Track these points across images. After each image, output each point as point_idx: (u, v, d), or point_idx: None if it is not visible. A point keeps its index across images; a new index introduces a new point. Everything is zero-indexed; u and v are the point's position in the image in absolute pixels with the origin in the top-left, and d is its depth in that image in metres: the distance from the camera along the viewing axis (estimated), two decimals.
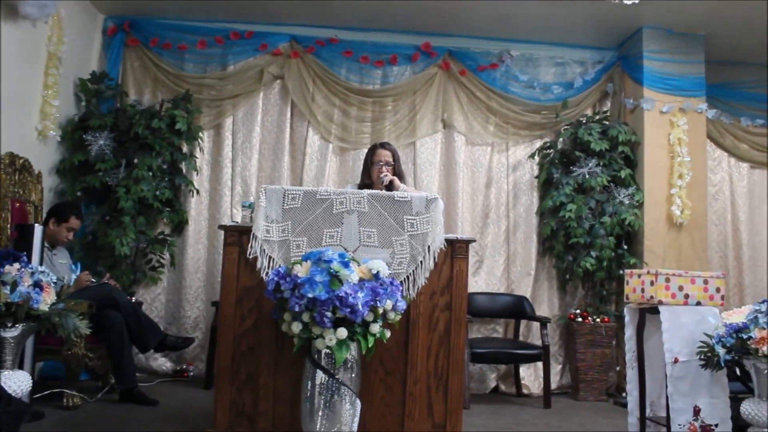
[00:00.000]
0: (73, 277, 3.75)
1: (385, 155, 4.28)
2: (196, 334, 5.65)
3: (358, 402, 3.10)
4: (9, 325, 3.18)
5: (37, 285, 3.24)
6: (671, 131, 5.71)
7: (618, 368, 5.58)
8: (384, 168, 4.23)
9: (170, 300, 5.77)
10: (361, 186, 4.32)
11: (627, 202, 5.59)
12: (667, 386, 3.55)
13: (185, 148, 5.75)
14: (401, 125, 5.98)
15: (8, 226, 4.35)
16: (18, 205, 4.54)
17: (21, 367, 3.48)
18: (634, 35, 5.88)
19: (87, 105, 5.62)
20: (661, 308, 3.61)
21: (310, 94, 5.94)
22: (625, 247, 5.65)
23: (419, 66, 6.05)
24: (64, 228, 4.63)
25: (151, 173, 5.42)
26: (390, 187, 4.11)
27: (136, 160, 5.40)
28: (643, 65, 5.75)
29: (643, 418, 3.86)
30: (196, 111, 5.72)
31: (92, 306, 4.16)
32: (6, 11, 4.43)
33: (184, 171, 5.75)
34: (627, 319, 4.00)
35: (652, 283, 3.67)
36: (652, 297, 3.66)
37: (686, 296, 3.63)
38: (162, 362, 5.65)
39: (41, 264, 3.99)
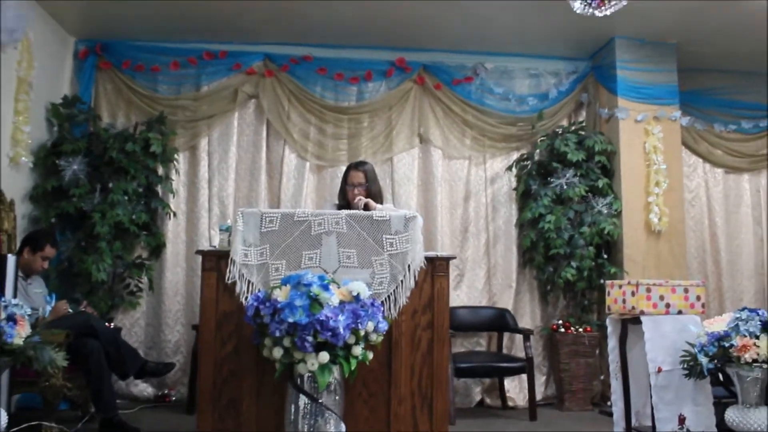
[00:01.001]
0: (48, 308, 3.68)
1: (357, 177, 4.22)
2: (177, 357, 5.57)
3: (343, 425, 3.07)
4: None
5: (11, 318, 3.17)
6: (646, 139, 5.75)
7: (602, 377, 5.59)
8: (356, 190, 4.18)
9: (150, 324, 5.69)
10: (339, 206, 4.29)
11: (605, 211, 5.62)
12: (651, 396, 3.56)
13: (161, 171, 5.69)
14: (378, 141, 5.97)
15: None
16: None
17: None
18: (607, 45, 5.93)
19: (59, 130, 5.54)
20: (643, 318, 3.62)
21: (286, 112, 5.92)
22: (605, 256, 5.67)
23: (394, 81, 6.05)
24: (39, 257, 4.55)
25: (126, 197, 5.36)
26: (366, 210, 4.08)
27: (111, 185, 5.34)
28: (617, 75, 5.80)
29: (628, 428, 3.87)
30: (170, 133, 5.67)
31: (69, 335, 4.08)
32: None
33: (160, 194, 5.69)
34: (609, 329, 4.01)
35: (633, 294, 3.69)
36: (633, 307, 3.68)
37: (667, 305, 3.65)
38: (143, 388, 5.56)
39: (15, 295, 3.91)
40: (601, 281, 5.50)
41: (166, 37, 5.88)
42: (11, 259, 3.88)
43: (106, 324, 4.85)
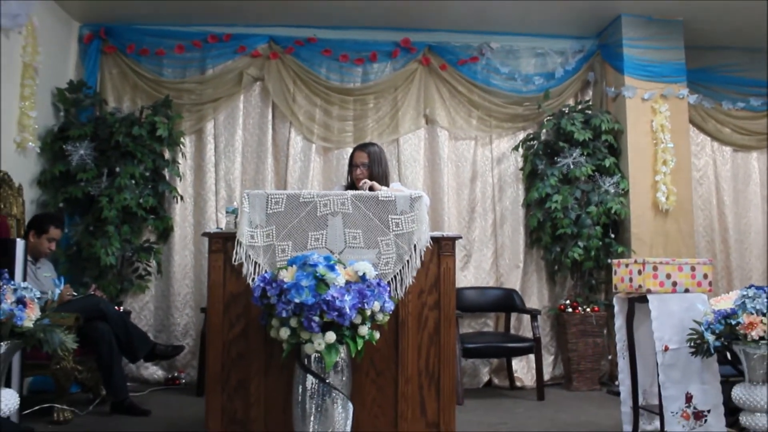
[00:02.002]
0: (57, 291, 3.71)
1: (360, 157, 4.22)
2: (186, 340, 5.61)
3: (350, 404, 3.09)
4: None
5: (21, 301, 3.19)
6: (653, 118, 5.71)
7: (610, 357, 5.60)
8: (358, 170, 4.18)
9: (159, 308, 5.73)
10: (346, 188, 4.29)
11: (612, 190, 5.60)
12: (658, 374, 3.56)
13: (167, 155, 5.71)
14: (383, 122, 5.95)
15: None
16: None
17: (9, 384, 3.45)
18: (613, 23, 5.88)
19: (66, 115, 5.56)
20: (649, 297, 3.61)
21: (291, 94, 5.91)
22: (612, 235, 5.66)
23: (399, 62, 6.02)
24: (44, 239, 4.58)
25: (133, 181, 5.37)
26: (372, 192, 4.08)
27: (118, 169, 5.35)
28: (623, 53, 5.75)
29: (636, 406, 3.87)
30: (176, 116, 5.68)
31: (79, 318, 4.12)
32: None
33: (167, 177, 5.70)
34: (616, 308, 4.01)
35: (639, 272, 3.67)
36: (640, 286, 3.66)
37: (674, 284, 3.64)
38: (153, 371, 5.61)
39: (24, 279, 3.94)
40: (609, 261, 5.50)
41: (171, 20, 5.88)
42: (20, 243, 3.90)
43: (116, 308, 4.89)
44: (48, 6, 5.34)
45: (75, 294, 4.59)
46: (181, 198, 5.76)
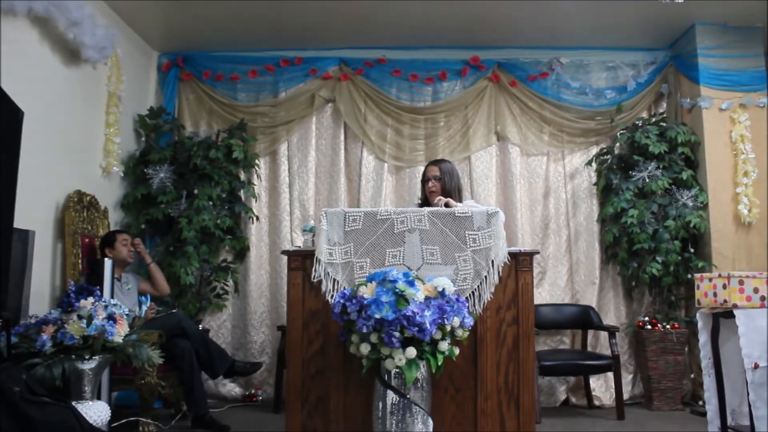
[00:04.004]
0: (144, 308, 3.85)
1: (432, 171, 4.23)
2: (263, 358, 5.71)
3: (430, 420, 3.09)
4: (87, 357, 3.28)
5: (111, 317, 3.34)
6: (733, 128, 5.55)
7: (693, 375, 5.43)
8: (430, 183, 4.20)
9: (236, 326, 5.86)
10: (420, 205, 4.32)
11: (690, 204, 5.45)
12: (748, 393, 3.43)
13: (243, 176, 5.87)
14: (455, 140, 5.97)
15: (80, 261, 4.49)
16: (87, 240, 4.68)
17: (99, 397, 3.58)
18: (687, 33, 5.76)
19: (146, 140, 5.79)
20: (736, 312, 3.50)
21: (362, 115, 5.99)
22: (692, 250, 5.51)
23: (469, 80, 6.04)
24: (119, 245, 4.72)
25: (211, 202, 5.54)
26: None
27: (196, 191, 5.53)
28: (698, 63, 5.62)
29: (724, 427, 3.74)
30: (251, 139, 5.83)
31: (162, 335, 4.25)
32: (69, 56, 4.60)
33: (243, 198, 5.86)
34: (700, 324, 3.89)
35: (724, 287, 3.57)
36: (725, 301, 3.56)
37: (762, 298, 3.52)
38: (231, 387, 5.72)
39: (112, 296, 4.11)
40: (689, 276, 5.36)
41: (244, 46, 6.06)
42: (108, 263, 4.07)
43: (196, 325, 5.02)
44: (130, 37, 5.59)
45: (159, 310, 4.74)
46: (257, 218, 5.90)
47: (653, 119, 5.84)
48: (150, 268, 5.06)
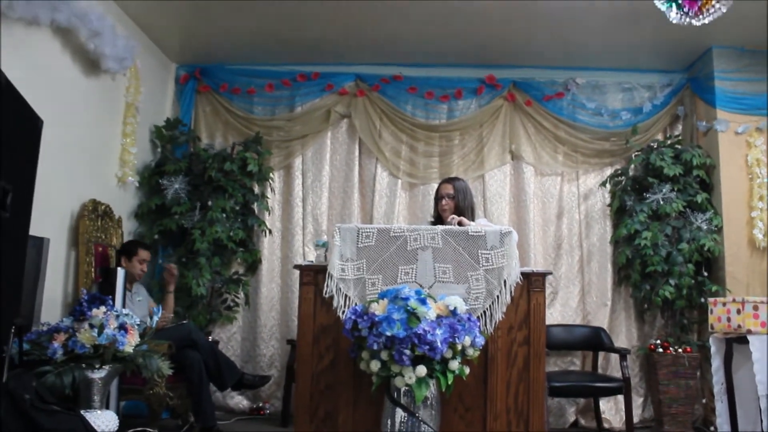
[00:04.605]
0: (155, 318, 3.86)
1: (445, 189, 4.23)
2: (271, 371, 5.70)
3: None
4: (97, 366, 3.30)
5: (122, 327, 3.35)
6: (749, 152, 5.53)
7: (704, 400, 5.37)
8: (444, 201, 4.19)
9: (246, 338, 5.86)
10: (433, 223, 4.31)
11: (705, 227, 5.42)
12: (762, 420, 3.40)
13: (257, 189, 5.89)
14: (469, 158, 5.98)
15: (92, 270, 4.52)
16: (101, 249, 4.71)
17: (107, 406, 3.59)
18: (704, 56, 5.75)
19: (162, 151, 5.82)
20: (750, 338, 3.47)
21: (377, 131, 6.01)
22: (705, 273, 5.46)
23: (484, 99, 6.05)
24: (135, 261, 4.75)
25: (224, 215, 5.56)
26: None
27: (210, 203, 5.55)
28: (715, 86, 5.60)
29: None
30: (266, 152, 5.86)
31: (171, 346, 4.26)
32: (89, 66, 4.65)
33: (256, 211, 5.88)
34: (713, 349, 3.86)
35: (738, 312, 3.54)
36: (739, 326, 3.53)
37: None
38: (239, 400, 5.71)
39: (124, 306, 4.12)
40: (702, 300, 5.31)
41: (261, 60, 6.10)
42: (120, 272, 4.10)
43: (206, 337, 5.02)
44: (149, 48, 5.64)
45: (172, 315, 4.76)
46: (270, 232, 5.91)
47: (668, 141, 5.83)
48: (167, 297, 5.03)
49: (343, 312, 3.28)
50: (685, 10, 4.02)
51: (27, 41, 3.89)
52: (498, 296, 3.30)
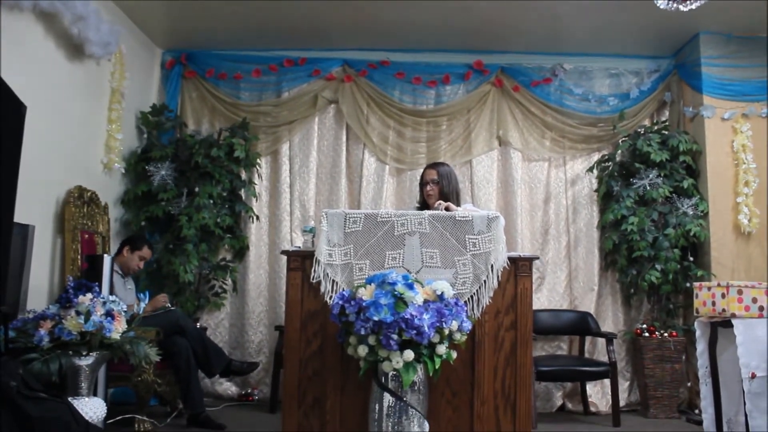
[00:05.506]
0: (142, 305, 3.84)
1: (429, 174, 4.22)
2: (260, 358, 5.71)
3: (426, 424, 3.09)
4: (84, 353, 3.28)
5: (109, 314, 3.34)
6: (734, 138, 5.56)
7: (689, 384, 5.42)
8: (428, 187, 4.18)
9: (234, 325, 5.85)
10: (418, 208, 4.31)
11: (691, 212, 5.45)
12: (745, 403, 3.44)
13: (244, 175, 5.86)
14: (456, 144, 5.97)
15: (79, 257, 4.49)
16: (87, 236, 4.68)
17: (95, 393, 3.58)
18: (691, 42, 5.76)
19: (148, 137, 5.77)
20: (734, 322, 3.50)
21: (365, 116, 5.99)
22: (691, 258, 5.51)
23: (472, 84, 6.04)
24: (136, 255, 4.77)
25: (211, 201, 5.54)
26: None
27: (197, 189, 5.53)
28: (702, 72, 5.62)
29: None
30: (253, 138, 5.83)
31: (159, 333, 4.25)
32: (73, 51, 4.60)
33: (243, 198, 5.86)
34: (698, 333, 3.89)
35: (723, 296, 3.57)
36: (724, 310, 3.56)
37: (761, 308, 3.52)
38: (227, 386, 5.72)
39: (111, 292, 4.11)
40: (687, 284, 5.36)
41: (248, 45, 6.06)
42: (107, 259, 4.07)
43: (194, 324, 5.02)
44: (133, 33, 5.58)
45: (169, 305, 4.74)
46: (257, 218, 5.90)
47: (655, 127, 5.85)
48: (151, 303, 4.70)
49: (331, 297, 3.27)
50: None
51: (9, 26, 3.83)
52: (485, 281, 3.30)
